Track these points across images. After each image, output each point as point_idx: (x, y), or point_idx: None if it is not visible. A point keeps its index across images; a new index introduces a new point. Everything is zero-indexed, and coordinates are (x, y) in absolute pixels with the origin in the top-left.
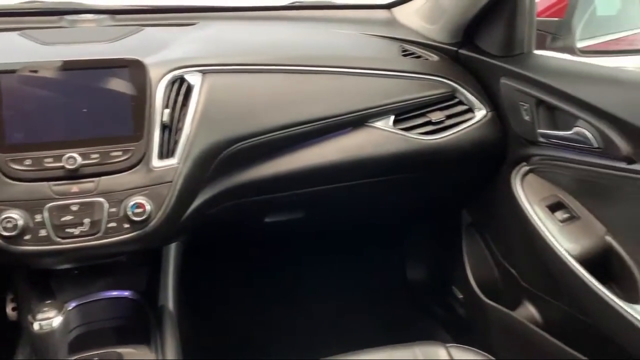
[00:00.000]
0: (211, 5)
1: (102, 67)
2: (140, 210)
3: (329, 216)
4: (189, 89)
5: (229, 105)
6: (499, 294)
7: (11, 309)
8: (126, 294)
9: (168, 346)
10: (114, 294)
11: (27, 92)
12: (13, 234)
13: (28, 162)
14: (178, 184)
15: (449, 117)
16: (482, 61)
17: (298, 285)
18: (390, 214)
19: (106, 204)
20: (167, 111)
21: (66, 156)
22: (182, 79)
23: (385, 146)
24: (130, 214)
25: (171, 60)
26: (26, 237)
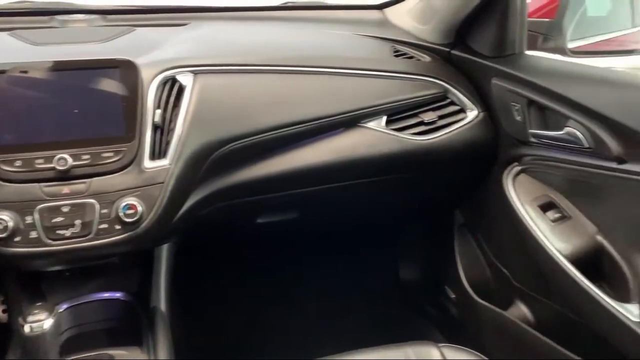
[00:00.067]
0: (203, 5)
1: (93, 67)
2: (131, 212)
3: (322, 217)
4: (181, 89)
5: (221, 105)
6: (491, 293)
7: (1, 311)
8: (118, 295)
9: (160, 347)
10: (105, 295)
11: (17, 92)
12: (3, 235)
13: (18, 164)
14: (170, 185)
15: (441, 117)
16: (474, 62)
17: (291, 285)
18: (383, 214)
19: (97, 205)
20: (158, 112)
21: (57, 157)
22: (173, 80)
23: (378, 146)
24: (121, 215)
25: (163, 61)
26: (16, 239)
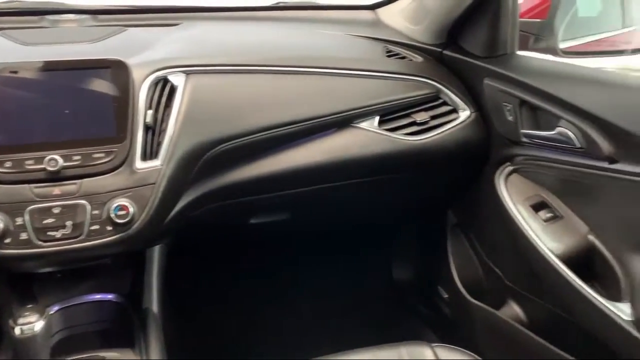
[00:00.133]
0: (195, 5)
1: (84, 67)
2: (123, 213)
3: (315, 217)
4: (173, 89)
5: (212, 106)
6: (483, 293)
7: None
8: (109, 297)
9: (152, 348)
10: (97, 297)
11: (7, 93)
12: None
13: (8, 165)
14: (161, 186)
15: (433, 117)
16: (466, 62)
17: (284, 285)
18: (375, 215)
19: (89, 206)
20: (150, 112)
21: (47, 158)
22: (165, 80)
23: (371, 147)
24: (113, 216)
25: (154, 61)
26: (6, 241)
